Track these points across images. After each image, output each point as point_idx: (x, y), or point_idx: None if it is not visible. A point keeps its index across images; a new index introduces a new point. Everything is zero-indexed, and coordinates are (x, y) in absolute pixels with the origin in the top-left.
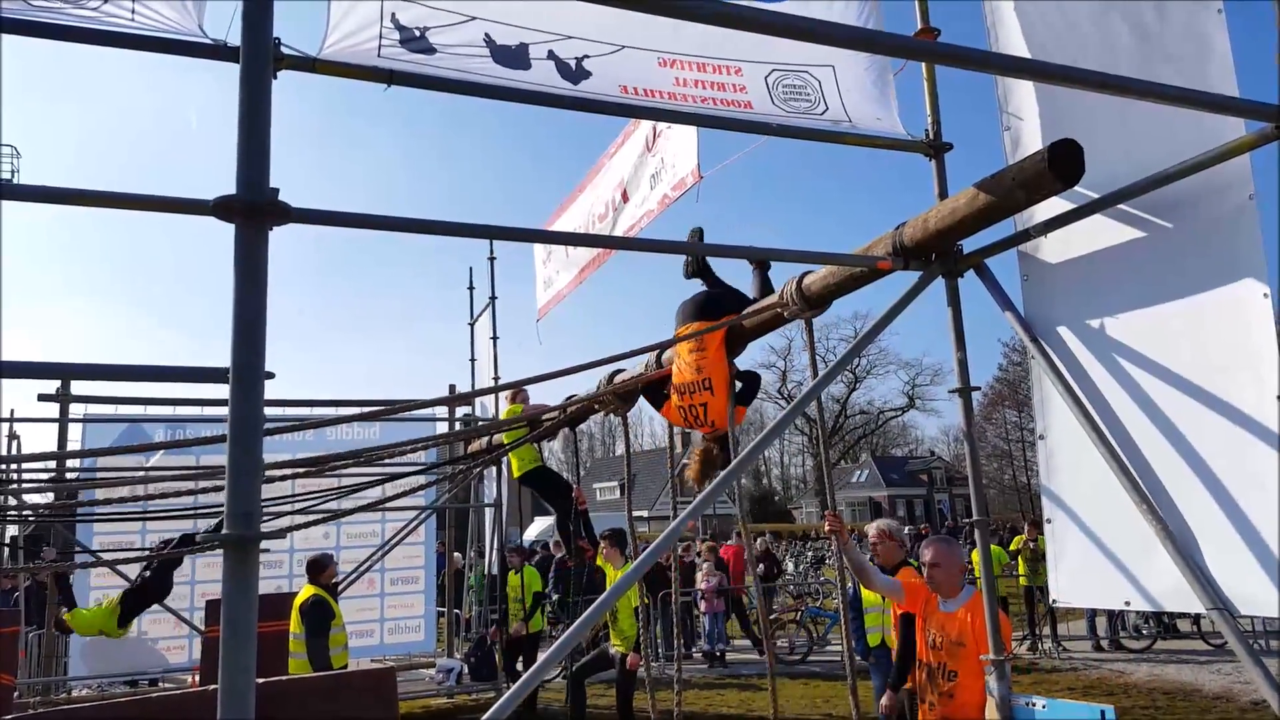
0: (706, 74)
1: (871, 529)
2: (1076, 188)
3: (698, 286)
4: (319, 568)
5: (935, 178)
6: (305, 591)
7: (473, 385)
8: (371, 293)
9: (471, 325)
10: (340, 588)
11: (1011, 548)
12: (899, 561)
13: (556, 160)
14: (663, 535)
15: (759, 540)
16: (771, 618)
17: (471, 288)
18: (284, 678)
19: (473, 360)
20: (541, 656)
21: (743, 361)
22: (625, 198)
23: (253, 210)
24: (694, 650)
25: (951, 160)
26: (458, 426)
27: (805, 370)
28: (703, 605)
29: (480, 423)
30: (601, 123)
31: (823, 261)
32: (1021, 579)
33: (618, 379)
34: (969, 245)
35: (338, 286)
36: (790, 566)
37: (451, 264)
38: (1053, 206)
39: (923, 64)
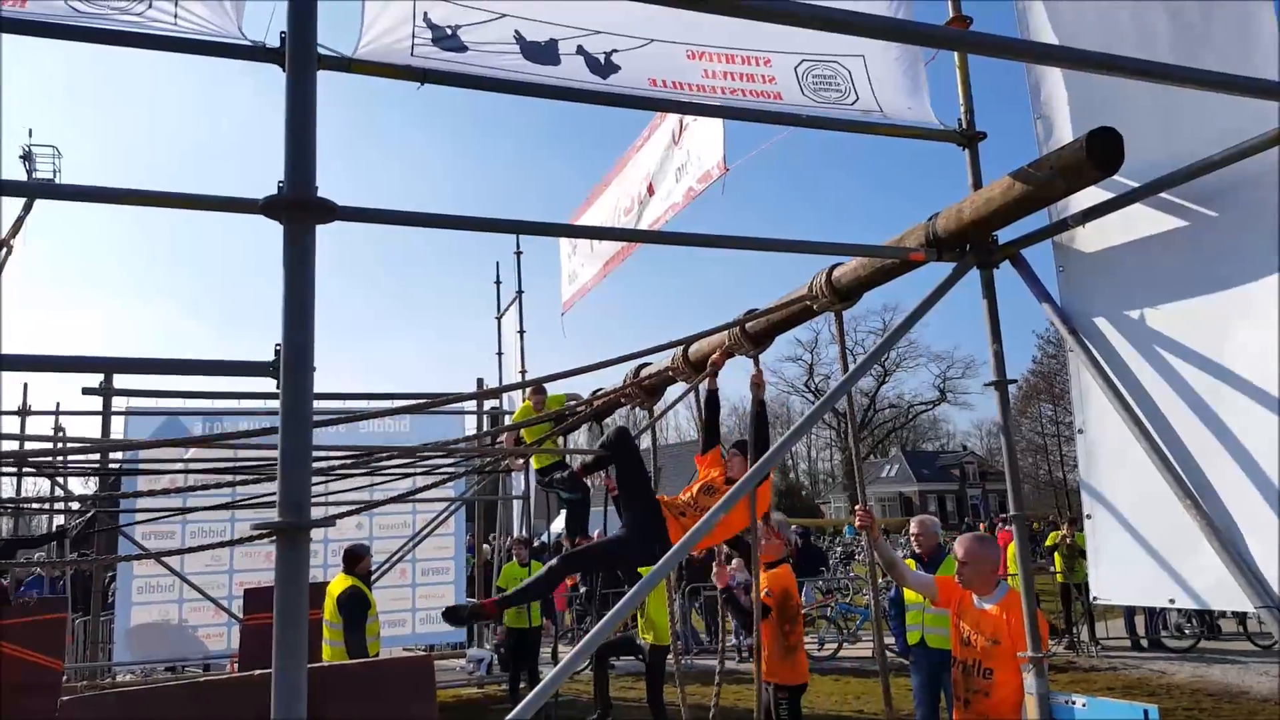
0: (735, 65)
1: (913, 523)
2: (1114, 177)
3: None
4: (355, 558)
5: (969, 167)
6: (342, 582)
7: (500, 378)
8: (398, 289)
9: (499, 319)
10: (373, 578)
11: (1047, 544)
12: (938, 552)
13: (581, 157)
14: (691, 530)
15: (793, 533)
16: (802, 612)
17: (498, 282)
18: (325, 664)
19: (499, 354)
20: (556, 651)
21: (768, 356)
22: (651, 191)
23: (301, 208)
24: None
25: (982, 154)
26: (485, 420)
27: (833, 363)
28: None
29: (507, 415)
30: (626, 119)
31: (853, 253)
32: (1058, 576)
33: (643, 373)
34: (1004, 236)
35: (364, 282)
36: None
37: (478, 259)
38: (1090, 196)
39: (955, 54)
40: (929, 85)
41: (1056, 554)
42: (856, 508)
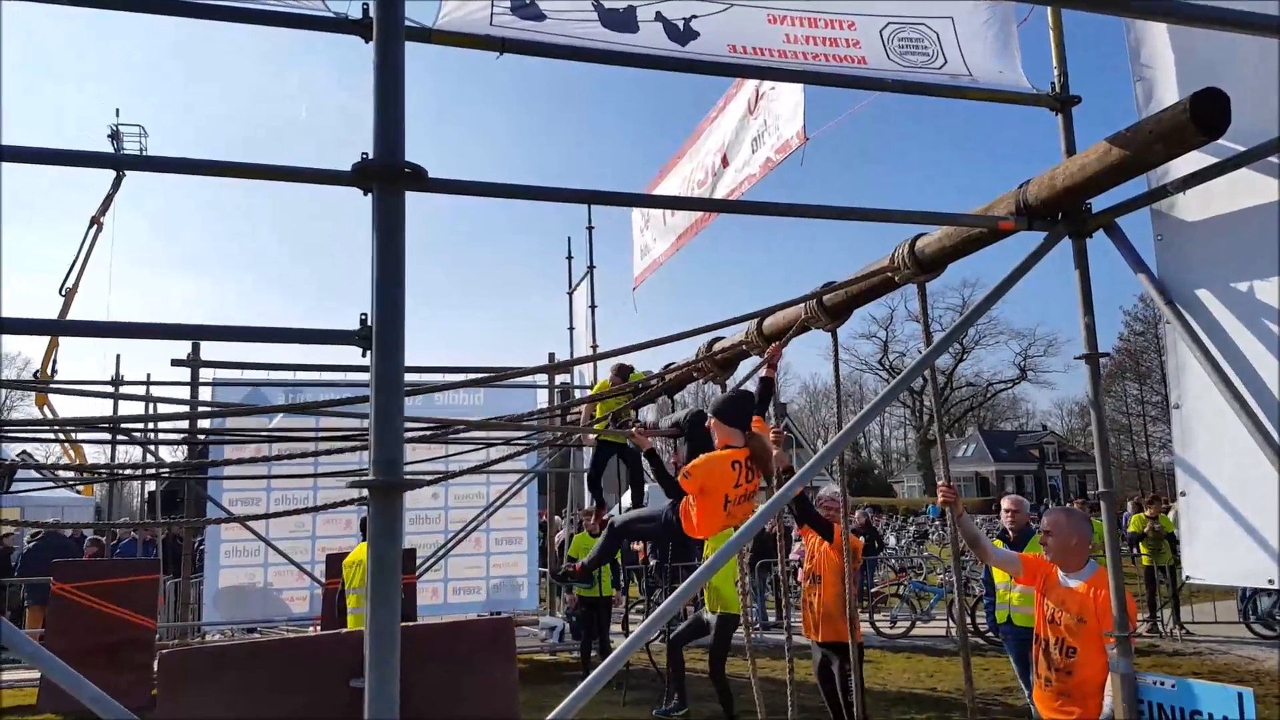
0: (818, 29)
1: (1007, 500)
2: (1219, 141)
3: None
4: None
5: (1062, 133)
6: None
7: (571, 353)
8: (471, 263)
9: (570, 294)
10: (448, 546)
11: (1131, 528)
12: (1028, 530)
13: (650, 134)
14: (765, 506)
15: (858, 512)
16: (873, 590)
17: (570, 257)
18: (410, 624)
19: (570, 329)
20: (623, 625)
21: (842, 332)
22: (725, 163)
23: (391, 176)
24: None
25: (1075, 121)
26: (555, 394)
27: (908, 340)
28: (800, 575)
29: (577, 390)
30: (699, 94)
31: (939, 222)
32: (1143, 558)
33: (716, 347)
34: (1097, 204)
35: (438, 257)
36: (892, 540)
37: (549, 235)
38: (1191, 161)
39: (1049, 12)
40: (1020, 48)
41: (1141, 544)
42: (940, 485)
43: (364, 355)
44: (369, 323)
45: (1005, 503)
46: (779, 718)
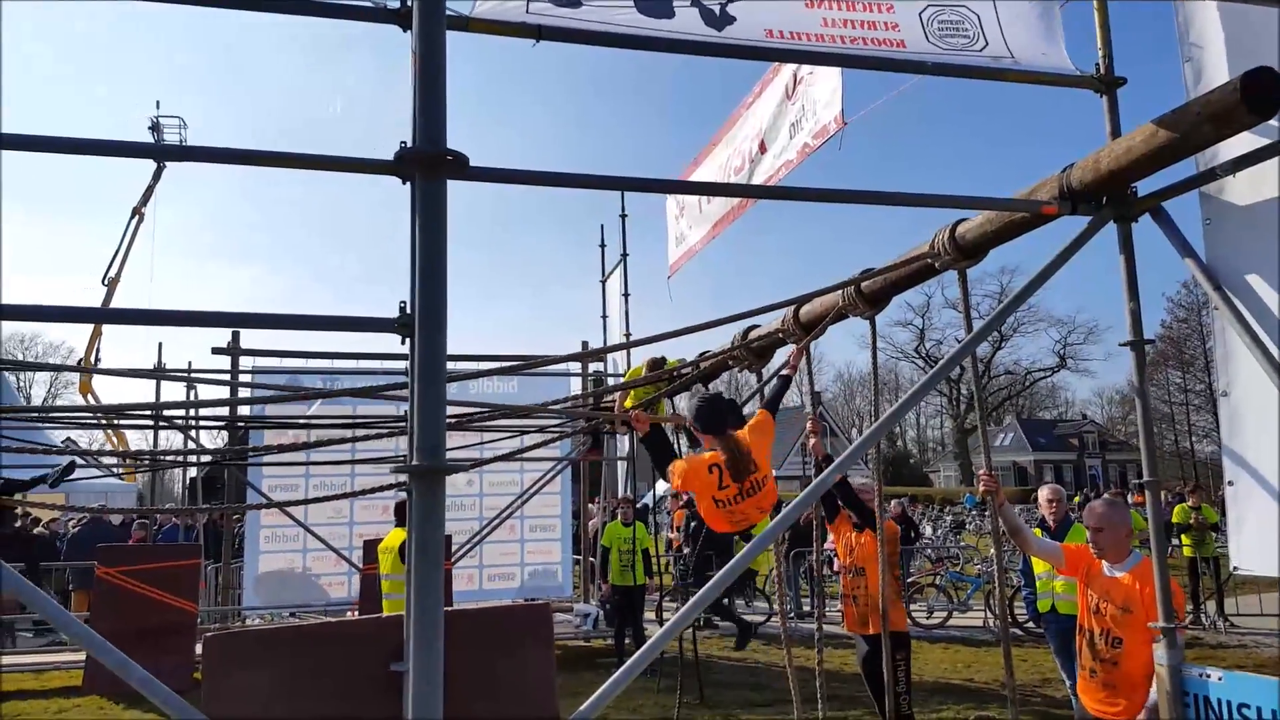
0: (856, 13)
1: (1047, 489)
2: (1271, 121)
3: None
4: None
5: (1106, 115)
6: (400, 534)
7: (604, 342)
8: (504, 251)
9: (603, 283)
10: (483, 533)
11: (1174, 519)
12: (1067, 520)
13: (684, 123)
14: (803, 495)
15: (894, 502)
16: (909, 580)
17: (603, 245)
18: (449, 609)
19: (604, 317)
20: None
21: (879, 319)
22: (763, 149)
23: (433, 163)
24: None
25: (1120, 104)
26: (589, 382)
27: (944, 328)
28: (835, 565)
29: (610, 378)
30: (730, 78)
31: (980, 207)
32: (1185, 549)
33: (752, 334)
34: (1143, 188)
35: (471, 244)
36: (928, 530)
37: (581, 223)
38: (1242, 143)
39: None
40: (1064, 30)
41: (1184, 535)
42: (980, 473)
43: (403, 343)
44: (408, 310)
45: (1045, 492)
46: (811, 706)
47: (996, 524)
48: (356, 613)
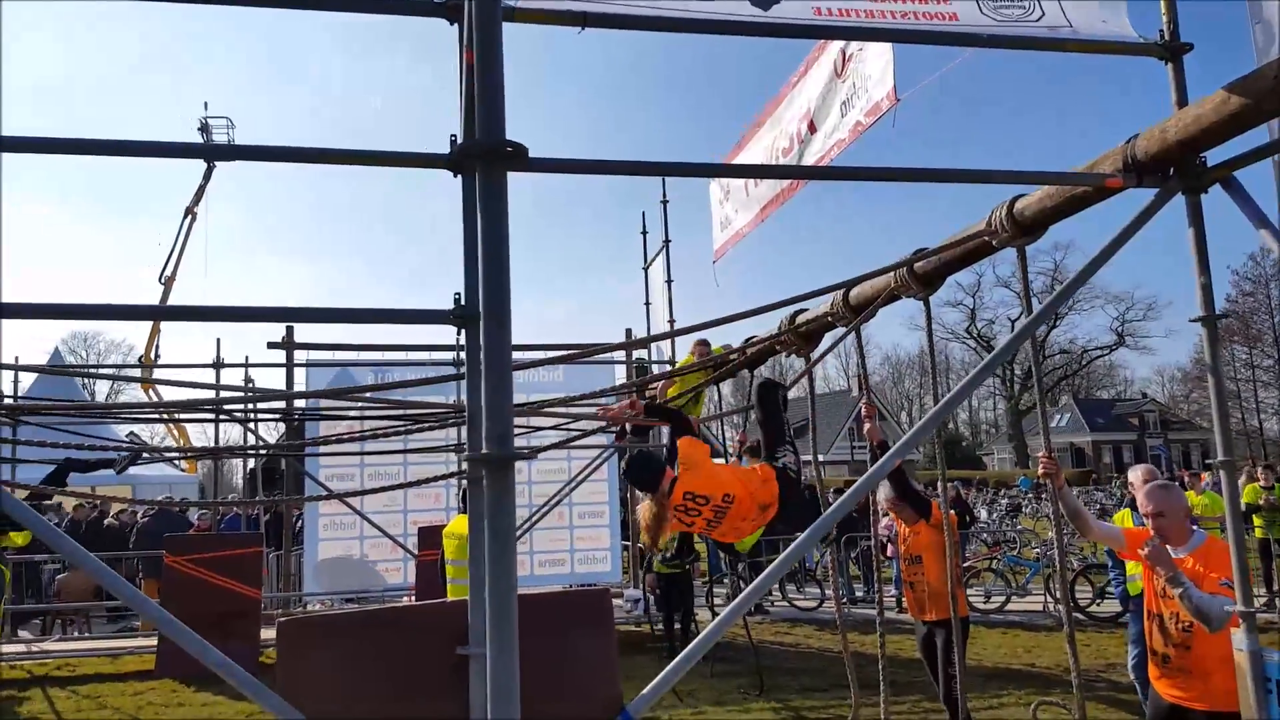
0: None
1: (1142, 469)
2: None
3: None
4: None
5: (1172, 83)
6: (465, 520)
7: (648, 329)
8: (545, 242)
9: (645, 270)
10: (532, 519)
11: (1244, 499)
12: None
13: (721, 111)
14: (859, 483)
15: (950, 487)
16: (965, 565)
17: (644, 232)
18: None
19: (647, 304)
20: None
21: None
22: (813, 129)
23: (493, 155)
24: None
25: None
26: (633, 370)
27: (996, 307)
28: (889, 550)
29: (655, 365)
30: (768, 59)
31: (1040, 182)
32: (1257, 531)
33: (799, 319)
34: (1212, 158)
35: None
36: (983, 514)
37: (622, 210)
38: None
39: None
40: None
41: (1256, 516)
42: (1040, 456)
43: (458, 334)
44: (462, 301)
45: (1138, 473)
46: (870, 692)
47: (1057, 508)
48: (413, 598)
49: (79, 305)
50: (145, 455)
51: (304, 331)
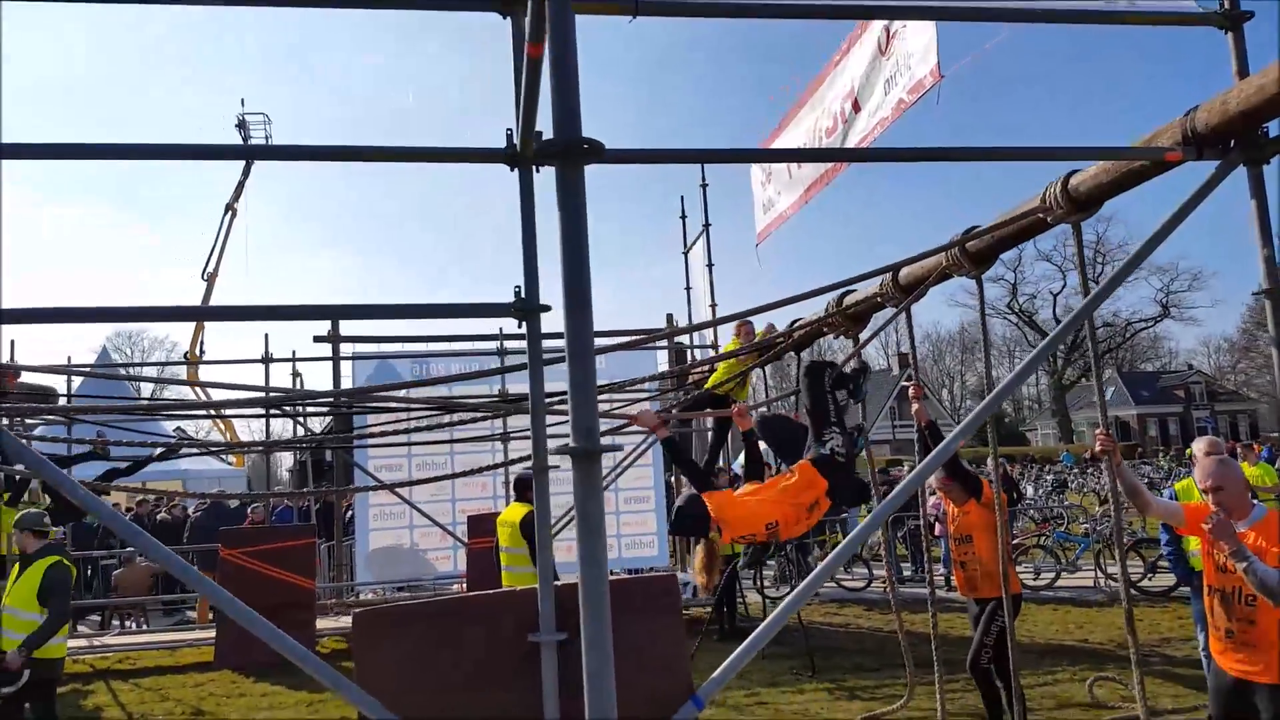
0: None
1: (1202, 442)
2: None
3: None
4: (527, 484)
5: (1233, 53)
6: (520, 508)
7: (689, 314)
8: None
9: (685, 254)
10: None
11: None
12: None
13: (753, 94)
14: (918, 469)
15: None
16: (1014, 542)
17: (684, 216)
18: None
19: (688, 289)
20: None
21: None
22: (857, 108)
23: (571, 151)
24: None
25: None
26: (673, 355)
27: (1038, 282)
28: (937, 529)
29: (696, 350)
30: (800, 42)
31: (1096, 157)
32: None
33: (847, 300)
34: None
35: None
36: (1029, 490)
37: (660, 195)
38: None
39: None
40: None
41: None
42: (1098, 433)
43: (519, 325)
44: (522, 294)
45: (1201, 444)
46: (924, 670)
47: (1114, 484)
48: (464, 586)
49: (135, 308)
50: (198, 451)
51: (347, 325)
